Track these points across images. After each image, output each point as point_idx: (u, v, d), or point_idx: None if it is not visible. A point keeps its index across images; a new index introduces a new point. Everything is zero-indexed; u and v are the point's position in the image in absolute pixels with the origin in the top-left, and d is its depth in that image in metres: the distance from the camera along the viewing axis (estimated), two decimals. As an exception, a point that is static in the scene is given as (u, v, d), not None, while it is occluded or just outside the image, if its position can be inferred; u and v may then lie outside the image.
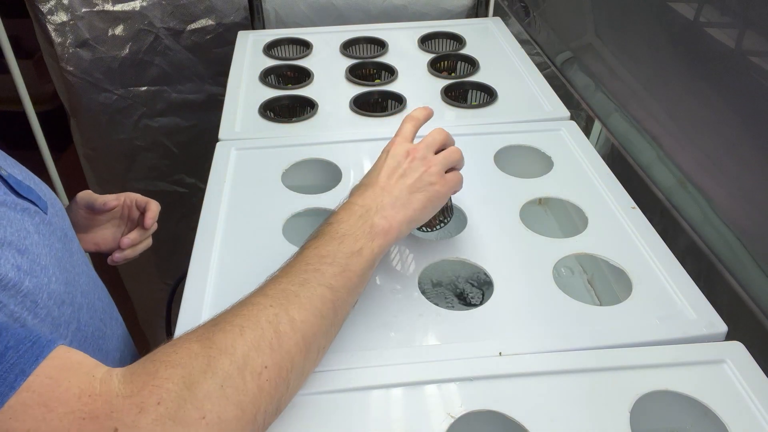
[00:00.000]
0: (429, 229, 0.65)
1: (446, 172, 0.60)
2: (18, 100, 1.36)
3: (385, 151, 0.60)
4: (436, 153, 0.61)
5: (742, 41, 0.65)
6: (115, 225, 0.80)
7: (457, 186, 0.62)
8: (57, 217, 0.59)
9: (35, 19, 1.29)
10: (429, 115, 0.64)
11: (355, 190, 0.58)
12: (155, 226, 0.79)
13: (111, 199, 0.76)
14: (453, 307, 0.71)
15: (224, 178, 0.78)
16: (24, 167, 0.61)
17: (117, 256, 0.77)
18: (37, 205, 0.56)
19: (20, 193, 0.54)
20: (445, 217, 0.64)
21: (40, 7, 1.26)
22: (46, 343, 0.40)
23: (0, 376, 0.37)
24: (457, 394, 0.52)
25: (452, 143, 0.63)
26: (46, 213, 0.56)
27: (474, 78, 1.01)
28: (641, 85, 0.86)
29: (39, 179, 0.62)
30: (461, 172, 0.63)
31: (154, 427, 0.38)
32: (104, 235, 0.78)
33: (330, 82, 1.01)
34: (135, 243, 0.77)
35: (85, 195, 0.76)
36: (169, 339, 0.59)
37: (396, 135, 0.61)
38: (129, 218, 0.80)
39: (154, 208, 0.79)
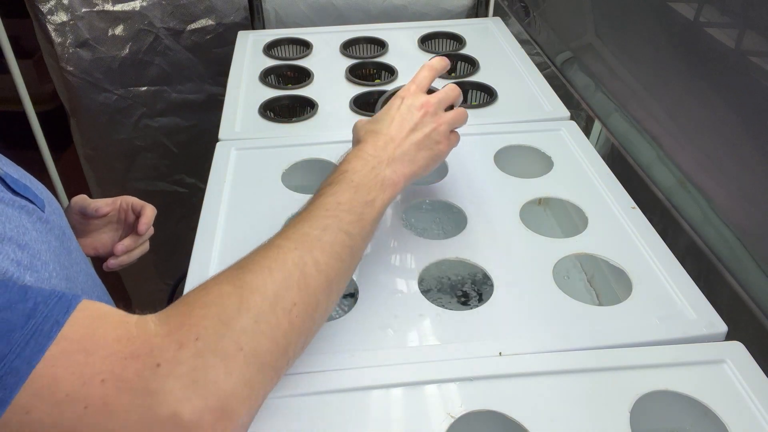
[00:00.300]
0: None
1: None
2: (18, 100, 1.36)
3: (400, 97, 0.62)
4: (446, 110, 0.63)
5: (742, 41, 0.65)
6: (112, 229, 0.78)
7: (456, 144, 0.65)
8: (54, 215, 0.59)
9: (35, 19, 1.29)
10: (446, 67, 0.67)
11: (367, 136, 0.60)
12: (151, 231, 0.77)
13: (104, 205, 0.74)
14: (453, 307, 0.71)
15: (224, 178, 0.78)
16: (19, 167, 0.61)
17: (112, 262, 0.75)
18: (33, 203, 0.55)
19: (17, 191, 0.54)
20: None
21: (40, 7, 1.26)
22: (72, 297, 0.41)
23: (36, 328, 0.38)
24: (457, 394, 0.52)
25: (461, 103, 0.66)
26: (43, 211, 0.56)
27: (474, 78, 1.01)
28: (641, 85, 0.86)
29: (35, 179, 0.62)
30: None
31: (195, 361, 0.39)
32: (102, 240, 0.77)
33: (330, 82, 1.01)
34: (129, 249, 0.75)
35: (79, 200, 0.75)
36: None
37: (411, 82, 0.63)
38: (125, 222, 0.78)
39: (149, 213, 0.76)
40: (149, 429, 0.38)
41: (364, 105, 0.95)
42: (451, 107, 0.65)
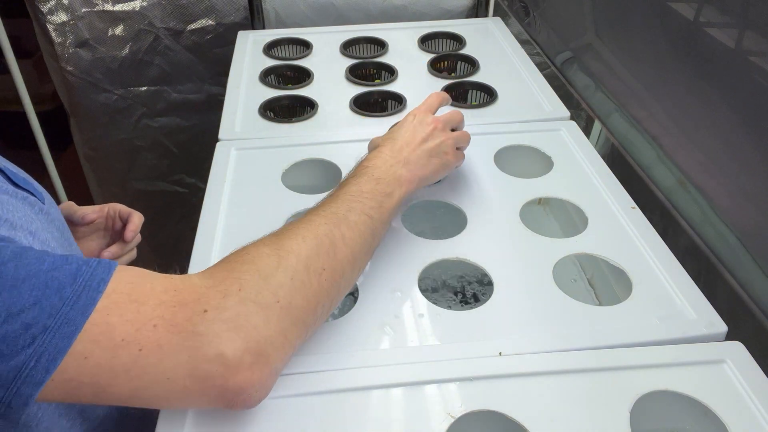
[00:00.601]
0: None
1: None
2: (18, 100, 1.36)
3: (412, 114, 0.70)
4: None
5: (742, 41, 0.65)
6: (99, 236, 0.78)
7: (461, 161, 0.73)
8: (53, 209, 0.60)
9: (35, 19, 1.29)
10: (449, 100, 0.77)
11: (385, 142, 0.67)
12: (138, 238, 0.78)
13: (90, 212, 0.74)
14: (453, 307, 0.71)
15: (224, 178, 0.78)
16: (15, 165, 0.61)
17: None
18: (34, 196, 0.56)
19: (17, 183, 0.55)
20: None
21: (40, 7, 1.26)
22: (111, 261, 0.44)
23: (85, 284, 0.41)
24: (457, 394, 0.52)
25: (463, 127, 0.75)
26: (43, 203, 0.57)
27: (474, 78, 1.01)
28: (641, 85, 0.86)
29: (31, 177, 0.62)
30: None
31: (239, 308, 0.44)
32: (90, 247, 0.76)
33: (330, 82, 1.01)
34: (116, 256, 0.75)
35: (66, 206, 0.75)
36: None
37: (422, 104, 0.72)
38: (113, 229, 0.77)
39: (136, 220, 0.76)
40: (197, 367, 0.42)
41: (364, 105, 0.95)
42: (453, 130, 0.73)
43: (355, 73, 1.03)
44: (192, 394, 0.43)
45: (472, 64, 1.05)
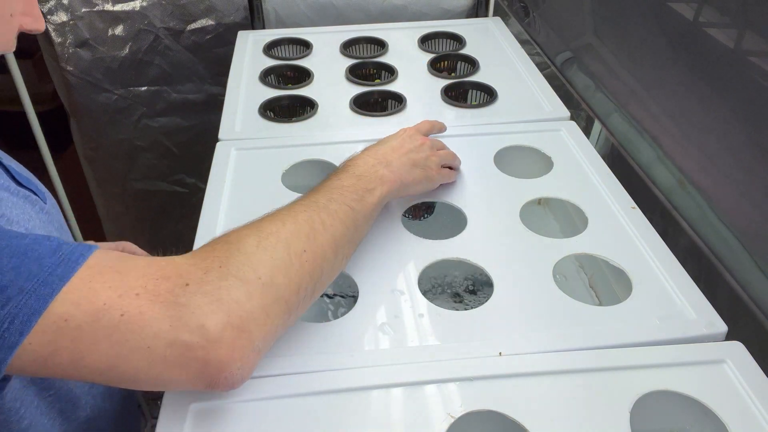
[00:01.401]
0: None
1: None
2: (18, 100, 1.36)
3: (403, 130, 0.73)
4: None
5: (742, 41, 0.65)
6: None
7: (449, 179, 0.75)
8: (54, 209, 0.61)
9: (35, 19, 1.29)
10: (442, 129, 0.81)
11: (371, 146, 0.68)
12: None
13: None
14: (453, 307, 0.71)
15: (224, 178, 0.78)
16: (20, 164, 0.62)
17: None
18: (36, 195, 0.56)
19: (20, 182, 0.55)
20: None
21: (40, 7, 1.26)
22: (89, 244, 0.44)
23: (64, 257, 0.42)
24: (457, 394, 0.52)
25: (455, 160, 0.77)
26: (45, 203, 0.57)
27: (474, 78, 1.01)
28: (641, 85, 0.86)
29: (34, 176, 0.63)
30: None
31: (219, 282, 0.44)
32: None
33: (330, 82, 1.01)
34: None
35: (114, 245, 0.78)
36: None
37: (415, 125, 0.75)
38: None
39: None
40: (178, 337, 0.42)
41: (364, 105, 0.95)
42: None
43: (355, 73, 1.03)
44: (172, 367, 0.42)
45: (472, 64, 1.05)
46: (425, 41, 1.14)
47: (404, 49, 1.11)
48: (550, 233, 0.69)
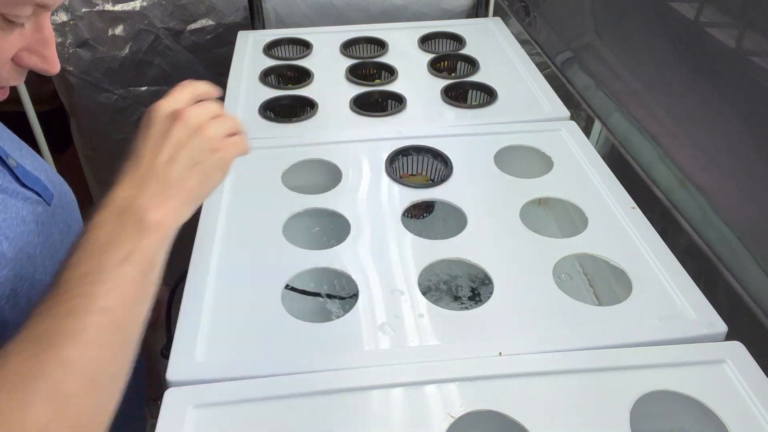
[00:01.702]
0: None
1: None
2: (18, 100, 1.36)
3: (147, 112, 0.50)
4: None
5: (742, 41, 0.65)
6: None
7: (243, 149, 0.54)
8: (62, 209, 0.60)
9: (35, 19, 1.29)
10: (210, 94, 0.54)
11: (127, 168, 0.50)
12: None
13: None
14: (453, 307, 0.71)
15: (224, 178, 0.78)
16: (38, 156, 0.61)
17: None
18: (41, 196, 0.56)
19: (26, 183, 0.55)
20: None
21: (40, 7, 1.26)
22: None
23: None
24: (457, 394, 0.52)
25: (215, 96, 0.54)
26: (49, 204, 0.57)
27: (474, 78, 1.01)
28: (641, 85, 0.86)
29: (52, 170, 0.62)
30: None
31: None
32: None
33: (330, 82, 1.01)
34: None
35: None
36: (169, 339, 0.59)
37: (165, 100, 0.51)
38: None
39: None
40: None
41: (365, 105, 0.95)
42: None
43: (355, 73, 1.03)
44: None
45: (472, 64, 1.05)
46: (425, 41, 1.14)
47: (404, 49, 1.11)
48: (550, 233, 0.69)
